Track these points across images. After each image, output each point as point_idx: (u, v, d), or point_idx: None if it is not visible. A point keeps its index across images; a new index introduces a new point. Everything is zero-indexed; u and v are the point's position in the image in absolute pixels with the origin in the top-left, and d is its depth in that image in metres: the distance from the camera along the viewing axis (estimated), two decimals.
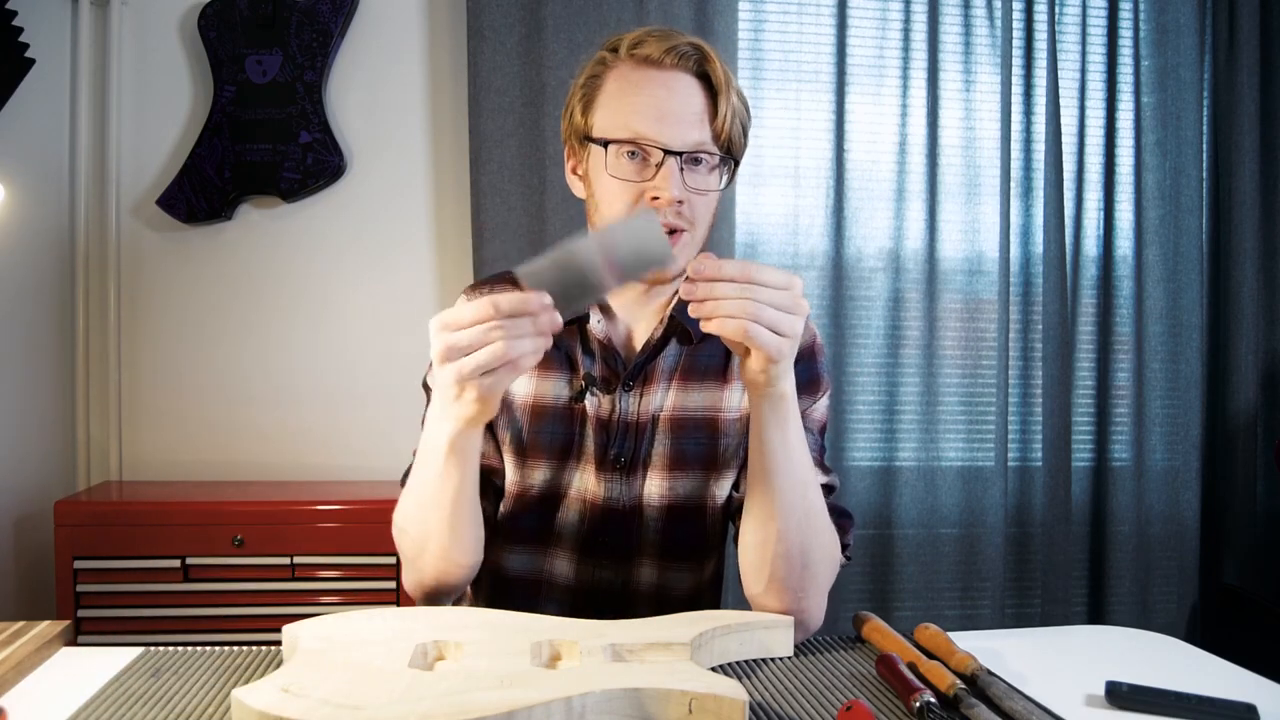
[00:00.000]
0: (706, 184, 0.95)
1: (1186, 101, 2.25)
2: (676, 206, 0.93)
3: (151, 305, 2.09)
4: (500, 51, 2.04)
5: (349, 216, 2.12)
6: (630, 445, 1.02)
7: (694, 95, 0.94)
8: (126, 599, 1.75)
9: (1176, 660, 0.93)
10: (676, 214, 0.94)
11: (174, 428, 2.10)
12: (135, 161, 2.08)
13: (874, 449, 2.26)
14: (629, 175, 0.94)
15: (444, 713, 0.63)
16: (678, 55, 0.94)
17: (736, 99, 0.96)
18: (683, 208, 0.94)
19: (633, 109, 0.94)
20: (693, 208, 0.95)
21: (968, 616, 2.25)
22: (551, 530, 1.04)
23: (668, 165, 0.92)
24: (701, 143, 0.94)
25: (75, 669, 0.83)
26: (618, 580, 1.04)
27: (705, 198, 0.96)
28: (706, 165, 0.95)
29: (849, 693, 0.80)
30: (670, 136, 0.92)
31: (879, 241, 2.23)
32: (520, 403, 1.03)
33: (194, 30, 2.04)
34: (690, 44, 0.95)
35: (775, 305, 0.77)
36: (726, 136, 0.95)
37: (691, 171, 0.94)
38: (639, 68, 0.95)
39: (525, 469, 1.03)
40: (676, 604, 1.05)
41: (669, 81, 0.94)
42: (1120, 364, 2.31)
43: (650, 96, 0.93)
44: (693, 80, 0.95)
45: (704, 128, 0.94)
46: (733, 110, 0.95)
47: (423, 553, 0.95)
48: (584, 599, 1.05)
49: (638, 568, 1.04)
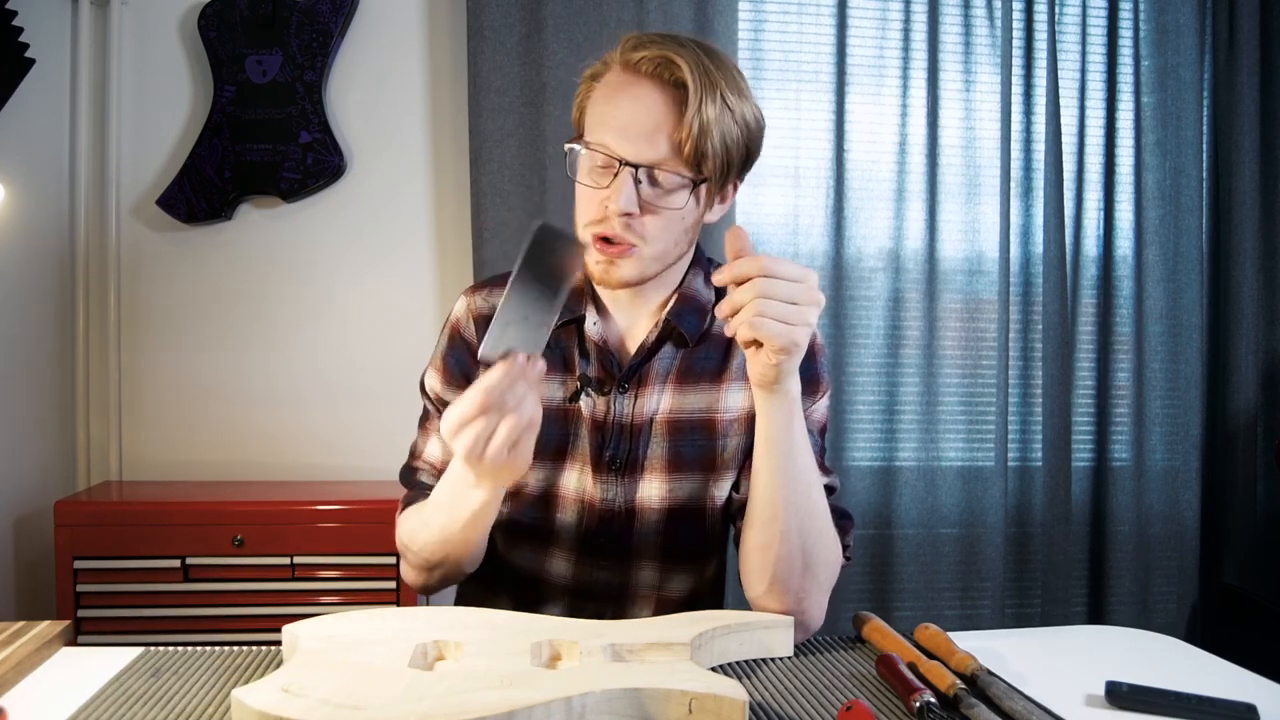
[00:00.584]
0: (666, 202, 0.92)
1: (1186, 101, 2.25)
2: (624, 219, 0.91)
3: (151, 305, 2.09)
4: (500, 51, 2.04)
5: (349, 216, 2.12)
6: (625, 447, 1.02)
7: (661, 106, 0.91)
8: (126, 599, 1.75)
9: (1176, 660, 0.93)
10: (624, 226, 0.92)
11: (174, 428, 2.10)
12: (135, 161, 2.08)
13: (874, 449, 2.26)
14: (595, 182, 0.93)
15: (444, 713, 0.63)
16: (652, 65, 0.91)
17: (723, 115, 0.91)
18: (632, 221, 0.92)
19: (602, 119, 0.93)
20: (643, 224, 0.92)
21: (968, 616, 2.25)
22: (549, 531, 1.04)
23: (620, 177, 0.91)
24: (659, 159, 0.91)
25: (75, 669, 0.83)
26: (616, 581, 1.04)
27: (665, 215, 0.93)
28: (670, 183, 0.92)
29: (849, 693, 0.80)
30: (627, 149, 0.91)
31: (879, 241, 2.23)
32: None
33: (194, 30, 2.04)
34: (663, 56, 0.90)
35: (786, 297, 0.78)
36: (693, 153, 0.90)
37: (653, 185, 0.92)
38: (623, 74, 0.93)
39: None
40: (676, 605, 1.05)
41: (640, 93, 0.92)
42: (1120, 364, 2.31)
43: (618, 107, 0.92)
44: (665, 92, 0.91)
45: (665, 141, 0.91)
46: (702, 128, 0.89)
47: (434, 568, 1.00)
48: (582, 599, 1.05)
49: (637, 569, 1.05)
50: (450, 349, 1.07)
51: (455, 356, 1.06)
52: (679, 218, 0.94)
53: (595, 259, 0.95)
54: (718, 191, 0.98)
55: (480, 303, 1.07)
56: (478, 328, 1.05)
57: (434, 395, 1.08)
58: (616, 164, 0.91)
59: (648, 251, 0.94)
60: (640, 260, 0.95)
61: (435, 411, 1.07)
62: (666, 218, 0.93)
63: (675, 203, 0.93)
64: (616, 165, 0.91)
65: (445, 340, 1.08)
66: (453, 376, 1.06)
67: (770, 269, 0.78)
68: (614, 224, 0.92)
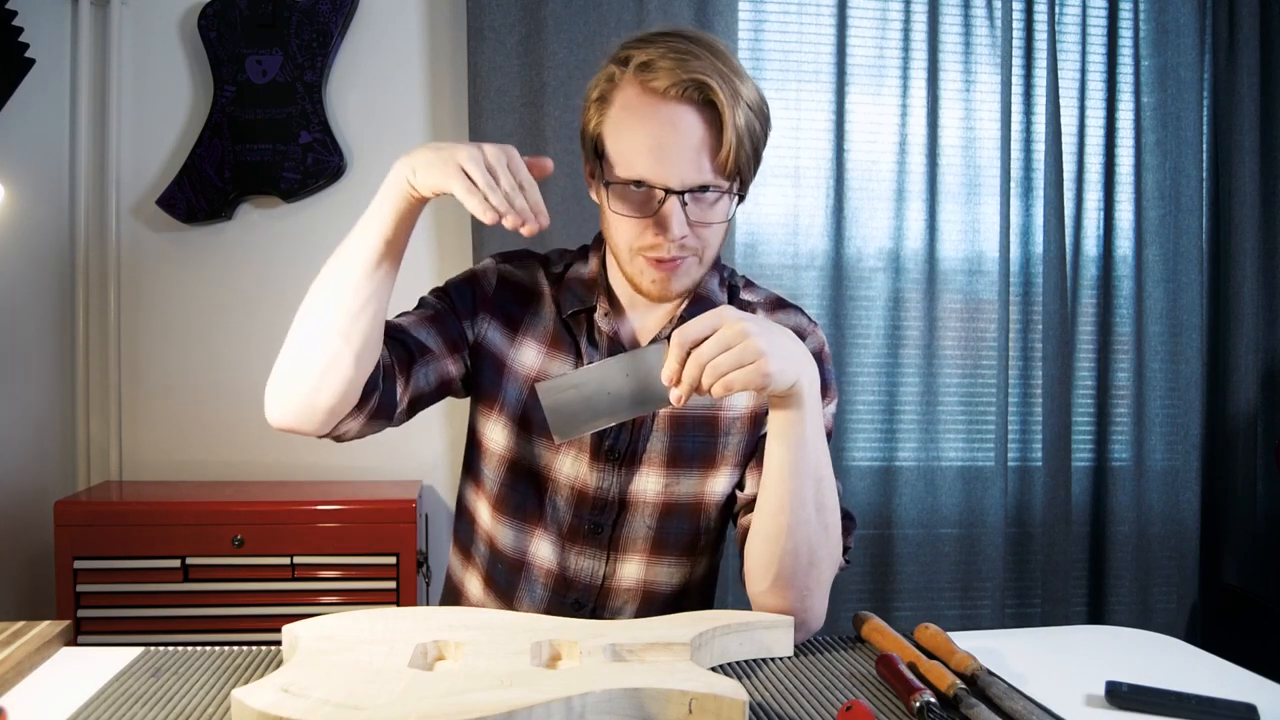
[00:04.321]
0: (712, 215, 0.95)
1: (1186, 101, 2.25)
2: (679, 240, 0.94)
3: (151, 305, 2.09)
4: (500, 51, 2.04)
5: (349, 216, 2.08)
6: (625, 438, 1.03)
7: (697, 128, 0.91)
8: (126, 599, 1.75)
9: (1176, 660, 0.93)
10: (680, 246, 0.94)
11: (174, 428, 2.10)
12: (135, 161, 2.07)
13: (874, 449, 2.26)
14: (633, 211, 0.94)
15: (444, 713, 0.63)
16: (680, 89, 0.90)
17: (747, 116, 0.93)
18: (687, 239, 0.94)
19: (635, 147, 0.93)
20: (699, 236, 0.95)
21: (968, 616, 2.25)
22: (539, 511, 1.05)
23: (669, 204, 0.92)
24: (704, 180, 0.92)
25: (75, 669, 0.83)
26: (601, 571, 1.05)
27: (712, 226, 0.96)
28: (713, 196, 0.94)
29: (849, 693, 0.80)
30: (670, 176, 0.91)
31: (879, 241, 2.23)
32: (525, 375, 1.04)
33: (194, 30, 2.04)
34: (693, 79, 0.90)
35: (722, 347, 0.80)
36: (733, 166, 0.92)
37: (697, 203, 0.93)
38: (644, 94, 0.92)
39: (520, 440, 1.04)
40: (660, 600, 1.06)
41: (673, 117, 0.91)
42: (1120, 364, 2.31)
43: (650, 135, 0.92)
44: (697, 112, 0.91)
45: (708, 162, 0.92)
46: (738, 138, 0.91)
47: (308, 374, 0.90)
48: (564, 584, 1.05)
49: (623, 561, 1.05)
50: (463, 283, 1.07)
51: (463, 291, 1.07)
52: (724, 226, 0.97)
53: (651, 277, 0.97)
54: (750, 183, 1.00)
55: (509, 269, 1.08)
56: (500, 286, 1.06)
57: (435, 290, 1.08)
58: (658, 192, 0.92)
59: (705, 258, 0.98)
60: (692, 270, 0.98)
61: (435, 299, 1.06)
62: (714, 228, 0.96)
63: (720, 215, 0.96)
64: (660, 194, 0.92)
65: (461, 277, 1.08)
66: (453, 296, 1.05)
67: (686, 340, 0.80)
68: (670, 249, 0.94)
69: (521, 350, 1.05)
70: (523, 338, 1.05)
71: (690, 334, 0.81)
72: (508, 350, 1.05)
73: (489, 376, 1.05)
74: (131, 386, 2.09)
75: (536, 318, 1.06)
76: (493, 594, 1.09)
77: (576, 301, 1.04)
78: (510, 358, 1.05)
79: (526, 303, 1.06)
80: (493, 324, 1.05)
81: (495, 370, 1.05)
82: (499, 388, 1.05)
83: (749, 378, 0.80)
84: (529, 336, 1.05)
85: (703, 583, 1.10)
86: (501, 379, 1.05)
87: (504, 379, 1.05)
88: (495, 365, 1.05)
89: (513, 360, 1.05)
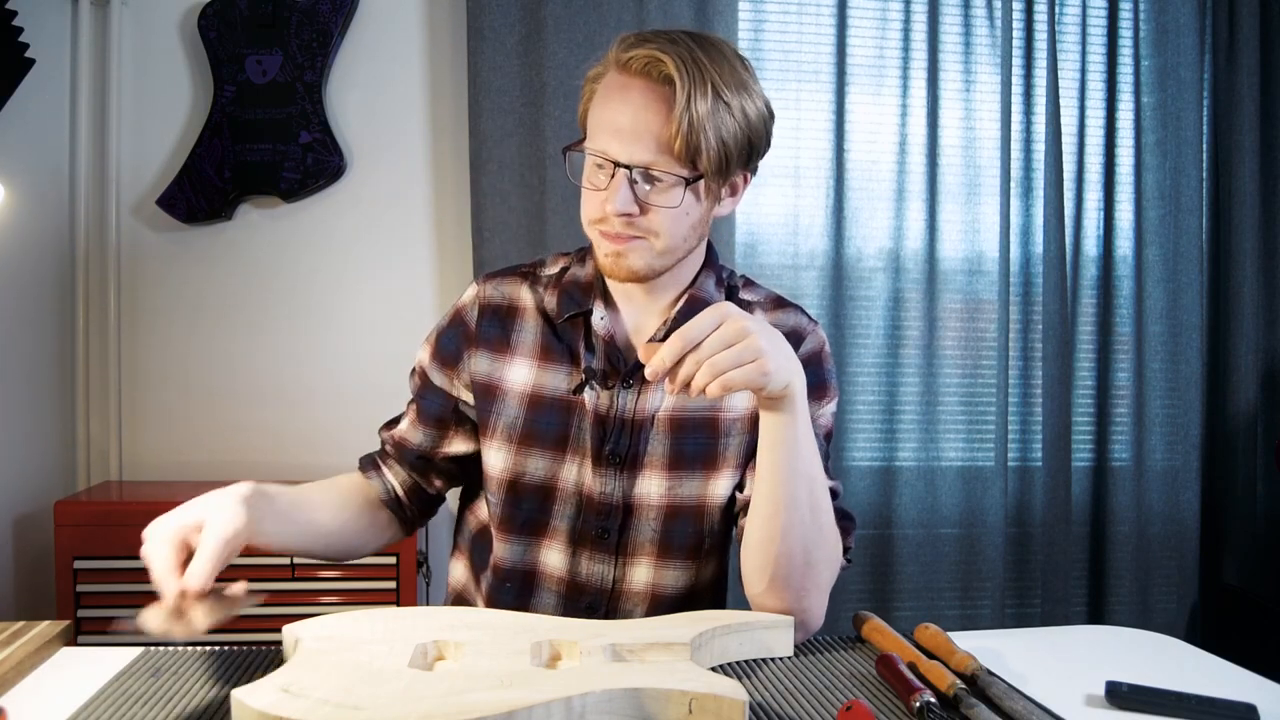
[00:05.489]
0: (662, 200, 0.93)
1: (1186, 101, 2.25)
2: (623, 219, 0.93)
3: (152, 305, 2.09)
4: (500, 51, 2.04)
5: (349, 216, 2.12)
6: (627, 442, 1.02)
7: (649, 106, 0.91)
8: (126, 599, 1.75)
9: (1176, 660, 0.93)
10: (624, 224, 0.94)
11: (174, 428, 2.10)
12: (135, 161, 2.08)
13: (874, 449, 2.26)
14: (596, 185, 0.95)
15: (444, 713, 0.63)
16: (642, 63, 0.91)
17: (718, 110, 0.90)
18: (634, 219, 0.93)
19: (599, 121, 0.94)
20: (647, 221, 0.94)
21: (968, 616, 2.25)
22: (546, 522, 1.05)
23: (616, 179, 0.92)
24: (652, 159, 0.91)
25: (75, 669, 0.83)
26: (611, 575, 1.05)
27: (666, 212, 0.94)
28: (666, 181, 0.93)
29: (849, 693, 0.80)
30: (620, 151, 0.92)
31: (879, 241, 2.23)
32: (519, 391, 1.04)
33: (194, 30, 2.04)
34: (651, 54, 0.91)
35: (722, 344, 0.80)
36: (685, 150, 0.90)
37: (650, 183, 0.93)
38: (618, 74, 0.94)
39: (519, 456, 1.04)
40: (671, 602, 1.05)
41: (631, 94, 0.92)
42: (1120, 364, 2.31)
43: (612, 108, 0.93)
44: (655, 90, 0.91)
45: (660, 143, 0.91)
46: (692, 125, 0.89)
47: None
48: (576, 592, 1.05)
49: (632, 564, 1.05)
50: (449, 327, 1.09)
51: (450, 335, 1.08)
52: (682, 214, 0.95)
53: (605, 250, 0.97)
54: (723, 186, 0.98)
55: (490, 291, 1.08)
56: (481, 315, 1.06)
57: (419, 367, 1.11)
58: (612, 165, 0.92)
59: (658, 245, 0.96)
60: (650, 252, 0.96)
61: (420, 382, 1.11)
62: (669, 214, 0.94)
63: (670, 200, 0.94)
64: (613, 167, 0.92)
65: (447, 319, 1.10)
66: (442, 352, 1.08)
67: (690, 335, 0.80)
68: (614, 224, 0.94)
69: (512, 368, 1.04)
70: (511, 356, 1.05)
71: (692, 333, 0.80)
72: (496, 373, 1.05)
73: (481, 405, 1.05)
74: (131, 386, 2.09)
75: (522, 333, 1.05)
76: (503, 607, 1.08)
77: (573, 305, 1.04)
78: (500, 379, 1.04)
79: (510, 321, 1.06)
80: (478, 355, 1.06)
81: (487, 397, 1.05)
82: (490, 412, 1.05)
83: (748, 376, 0.80)
84: (517, 354, 1.05)
85: (712, 585, 1.10)
86: (492, 403, 1.04)
87: (494, 402, 1.04)
88: (486, 393, 1.05)
89: (502, 381, 1.04)
